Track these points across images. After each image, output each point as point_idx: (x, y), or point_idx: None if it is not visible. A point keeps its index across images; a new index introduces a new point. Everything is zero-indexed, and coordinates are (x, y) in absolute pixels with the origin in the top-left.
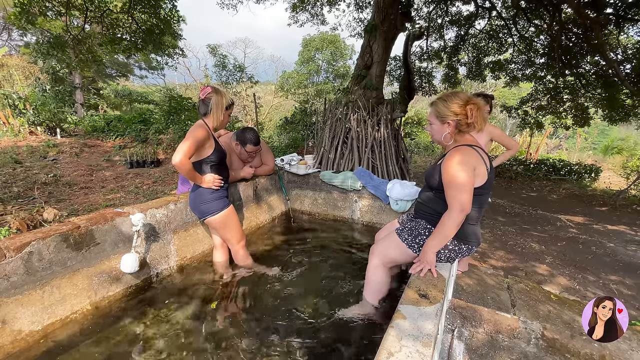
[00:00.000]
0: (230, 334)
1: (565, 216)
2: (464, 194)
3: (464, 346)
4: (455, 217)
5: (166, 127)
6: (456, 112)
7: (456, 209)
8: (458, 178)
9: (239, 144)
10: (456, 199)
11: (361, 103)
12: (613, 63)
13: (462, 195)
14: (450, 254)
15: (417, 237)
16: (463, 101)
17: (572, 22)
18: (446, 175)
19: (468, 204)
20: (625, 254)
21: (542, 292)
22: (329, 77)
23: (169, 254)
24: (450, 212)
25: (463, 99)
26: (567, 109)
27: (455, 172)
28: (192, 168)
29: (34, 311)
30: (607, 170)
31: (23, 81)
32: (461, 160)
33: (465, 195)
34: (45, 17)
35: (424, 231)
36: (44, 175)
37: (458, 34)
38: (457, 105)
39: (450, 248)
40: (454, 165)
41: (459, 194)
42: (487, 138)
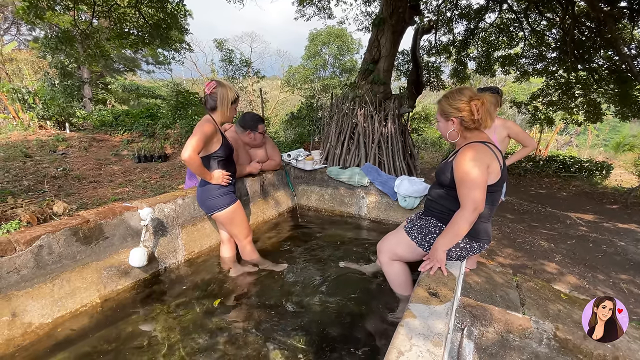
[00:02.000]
0: (236, 329)
1: (575, 214)
2: (478, 192)
3: (474, 345)
4: (468, 215)
5: (173, 122)
6: (460, 108)
7: (469, 208)
8: (471, 175)
9: (250, 132)
10: (469, 197)
11: (368, 98)
12: (627, 58)
13: (476, 193)
14: (462, 252)
15: (428, 235)
16: (467, 97)
17: (585, 15)
18: (459, 172)
19: (481, 202)
20: (636, 252)
21: (551, 290)
22: (336, 71)
23: (177, 248)
24: (463, 211)
25: (467, 95)
26: (579, 105)
27: (468, 169)
28: (201, 163)
29: (44, 304)
30: (618, 168)
31: (32, 76)
32: (474, 157)
33: (478, 193)
34: (53, 11)
35: (435, 229)
36: (54, 169)
37: (467, 27)
38: (460, 102)
39: (461, 246)
40: (467, 162)
41: (472, 191)
42: (504, 134)
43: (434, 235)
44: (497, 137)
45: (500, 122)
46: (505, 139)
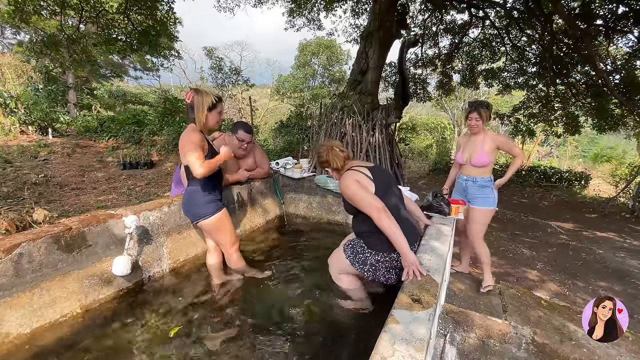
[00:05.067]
0: (221, 337)
1: (555, 222)
2: (368, 199)
3: (456, 351)
4: (379, 218)
5: (160, 129)
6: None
7: (374, 213)
8: (353, 191)
9: (231, 135)
10: (367, 206)
11: (356, 108)
12: (603, 73)
13: (368, 201)
14: (390, 264)
15: (357, 254)
16: (324, 150)
17: (563, 32)
18: (346, 195)
19: (379, 203)
20: (614, 260)
21: (532, 297)
22: (325, 81)
23: (162, 256)
24: (375, 219)
25: (322, 151)
26: (558, 117)
27: (350, 191)
28: (210, 161)
29: (23, 314)
30: (596, 178)
31: (15, 80)
32: (346, 181)
33: (370, 200)
34: (39, 15)
35: (361, 249)
36: (35, 176)
37: (452, 42)
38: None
39: (381, 260)
40: (346, 186)
41: (365, 201)
42: (493, 145)
43: (360, 255)
44: (486, 148)
45: (489, 135)
46: (494, 150)
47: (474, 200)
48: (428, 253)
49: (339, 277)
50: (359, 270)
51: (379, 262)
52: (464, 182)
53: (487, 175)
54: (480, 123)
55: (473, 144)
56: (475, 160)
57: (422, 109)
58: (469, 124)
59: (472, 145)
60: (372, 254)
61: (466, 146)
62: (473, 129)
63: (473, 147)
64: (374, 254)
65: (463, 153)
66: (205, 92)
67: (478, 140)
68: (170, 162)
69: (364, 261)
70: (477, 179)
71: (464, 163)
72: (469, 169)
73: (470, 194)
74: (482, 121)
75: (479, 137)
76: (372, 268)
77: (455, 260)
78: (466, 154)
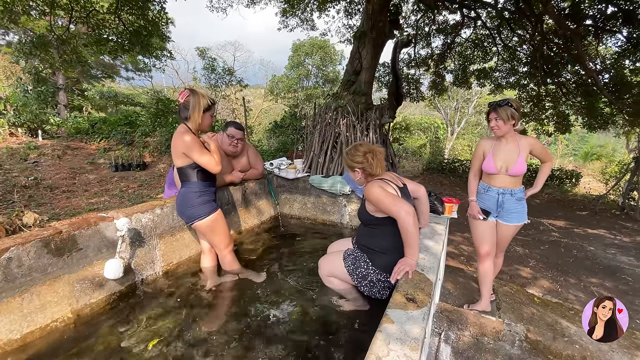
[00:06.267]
0: (216, 340)
1: (547, 220)
2: (396, 201)
3: (451, 349)
4: (405, 217)
5: (153, 130)
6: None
7: (402, 214)
8: (382, 194)
9: (223, 133)
10: (395, 207)
11: (350, 108)
12: (592, 73)
13: (396, 202)
14: (384, 284)
15: (358, 268)
16: (364, 151)
17: (553, 32)
18: (372, 198)
19: (407, 206)
20: (605, 257)
21: (525, 294)
22: (319, 81)
23: (155, 259)
24: (400, 220)
25: (361, 151)
26: (549, 116)
27: (377, 192)
28: (216, 155)
29: (13, 319)
30: (587, 176)
31: (4, 81)
32: (377, 186)
33: (398, 202)
34: (28, 16)
35: (364, 264)
36: (24, 178)
37: (445, 42)
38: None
39: (382, 279)
40: (374, 189)
41: (393, 202)
42: (528, 151)
43: (362, 270)
44: (524, 155)
45: (524, 139)
46: (528, 156)
47: (508, 216)
48: (422, 252)
49: (329, 280)
50: (355, 283)
51: (379, 280)
52: (498, 196)
53: (522, 186)
54: (501, 124)
55: (508, 150)
56: (514, 169)
57: (415, 108)
58: (490, 125)
59: (506, 152)
60: (375, 272)
61: (497, 152)
62: (495, 130)
63: (509, 153)
64: (377, 272)
65: (495, 160)
66: (202, 93)
67: (512, 145)
68: (163, 164)
69: (364, 276)
70: (515, 191)
71: (497, 172)
72: (503, 180)
73: (507, 209)
74: (504, 121)
75: (513, 142)
76: (371, 284)
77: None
78: (500, 161)
